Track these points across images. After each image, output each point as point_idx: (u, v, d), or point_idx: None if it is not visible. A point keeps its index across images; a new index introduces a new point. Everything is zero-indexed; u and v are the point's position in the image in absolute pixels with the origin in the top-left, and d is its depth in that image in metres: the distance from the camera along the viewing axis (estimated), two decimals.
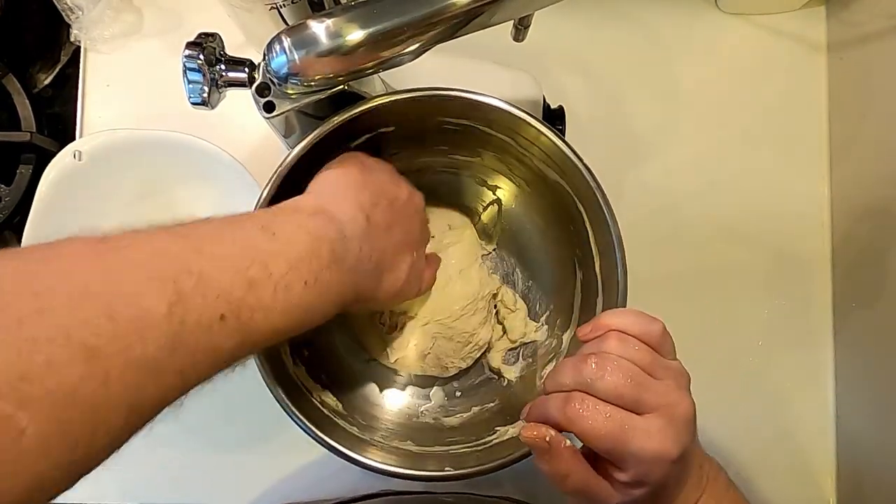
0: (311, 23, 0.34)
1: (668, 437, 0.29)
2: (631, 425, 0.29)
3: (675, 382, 0.31)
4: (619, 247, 0.40)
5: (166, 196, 0.56)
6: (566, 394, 0.30)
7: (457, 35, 0.36)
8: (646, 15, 0.62)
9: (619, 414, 0.29)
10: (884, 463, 0.51)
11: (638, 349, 0.31)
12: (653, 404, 0.30)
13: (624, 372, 0.30)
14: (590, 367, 0.30)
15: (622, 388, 0.29)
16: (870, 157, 0.56)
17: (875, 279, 0.53)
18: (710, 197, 0.60)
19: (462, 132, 0.44)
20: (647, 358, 0.31)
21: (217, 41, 0.38)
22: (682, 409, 0.30)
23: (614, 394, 0.29)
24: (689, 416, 0.30)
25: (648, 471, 0.29)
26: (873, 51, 0.56)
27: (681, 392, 0.31)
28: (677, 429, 0.30)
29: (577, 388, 0.30)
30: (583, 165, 0.40)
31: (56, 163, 0.51)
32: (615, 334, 0.31)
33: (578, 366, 0.30)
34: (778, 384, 0.57)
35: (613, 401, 0.29)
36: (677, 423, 0.30)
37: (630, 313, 0.33)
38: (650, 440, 0.29)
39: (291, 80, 0.35)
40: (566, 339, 0.47)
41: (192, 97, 0.38)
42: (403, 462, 0.39)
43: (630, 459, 0.29)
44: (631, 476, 0.30)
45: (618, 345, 0.31)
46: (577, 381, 0.30)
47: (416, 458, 0.42)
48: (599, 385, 0.29)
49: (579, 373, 0.30)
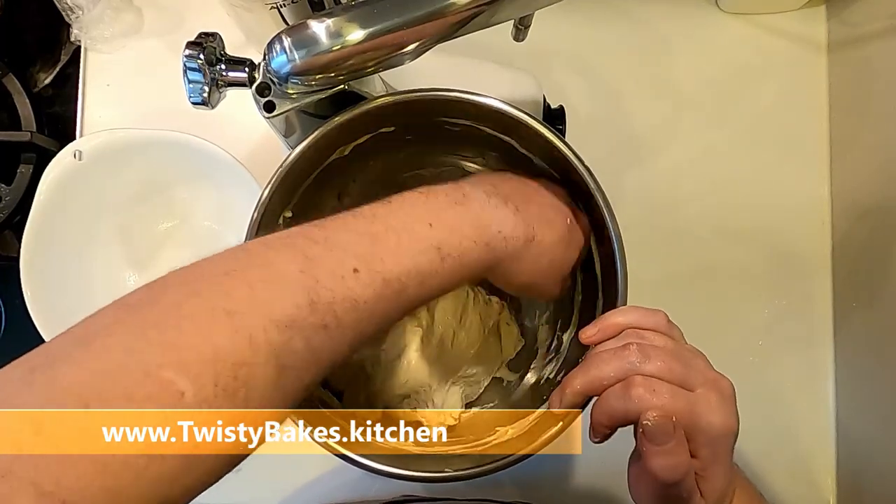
0: (312, 22, 0.34)
1: (727, 411, 0.29)
2: (694, 400, 0.29)
3: (703, 362, 0.31)
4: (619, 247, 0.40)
5: (166, 196, 0.56)
6: (622, 382, 0.29)
7: (457, 35, 0.36)
8: (646, 15, 0.62)
9: (680, 391, 0.29)
10: (884, 463, 0.51)
11: (659, 338, 0.31)
12: (700, 381, 0.29)
13: (666, 353, 0.29)
14: (633, 352, 0.29)
15: (673, 366, 0.29)
16: (870, 156, 0.56)
17: (875, 279, 0.53)
18: (710, 197, 0.60)
19: (462, 132, 0.44)
20: (670, 344, 0.31)
21: (217, 41, 0.38)
22: (726, 384, 0.30)
23: (668, 373, 0.29)
24: (733, 390, 0.31)
25: (717, 449, 0.29)
26: (873, 51, 0.56)
27: (714, 370, 0.31)
28: (730, 402, 0.30)
29: (626, 375, 0.29)
30: (583, 166, 0.40)
31: (56, 162, 0.51)
32: (633, 330, 0.31)
33: (620, 354, 0.30)
34: (778, 384, 0.57)
35: (667, 380, 0.29)
36: (728, 397, 0.30)
37: (633, 310, 0.33)
38: (714, 414, 0.29)
39: (292, 80, 0.35)
40: (566, 339, 0.47)
41: (193, 97, 0.38)
42: (402, 463, 0.39)
43: (700, 437, 0.29)
44: (704, 457, 0.29)
45: (641, 338, 0.31)
46: (624, 369, 0.30)
47: (416, 460, 0.42)
48: (649, 367, 0.29)
49: (624, 359, 0.30)
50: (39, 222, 0.51)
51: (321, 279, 0.27)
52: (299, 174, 0.42)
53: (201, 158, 0.51)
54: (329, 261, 0.28)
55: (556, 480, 0.55)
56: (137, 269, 0.56)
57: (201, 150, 0.51)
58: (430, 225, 0.31)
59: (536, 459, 0.37)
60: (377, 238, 0.30)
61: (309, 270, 0.27)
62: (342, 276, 0.27)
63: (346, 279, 0.27)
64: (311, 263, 0.27)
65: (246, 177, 0.50)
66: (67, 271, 0.53)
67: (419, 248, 0.30)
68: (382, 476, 0.38)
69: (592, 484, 0.55)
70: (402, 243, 0.30)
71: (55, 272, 0.52)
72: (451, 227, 0.32)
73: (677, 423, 0.28)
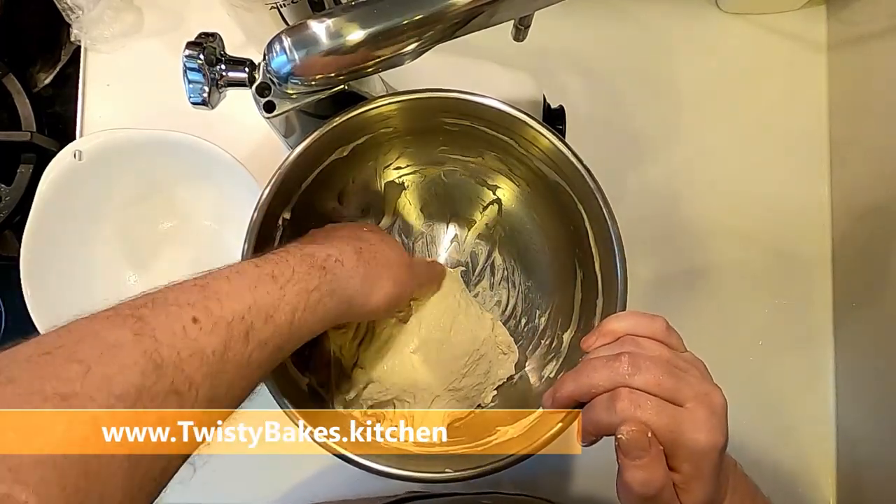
0: (312, 23, 0.34)
1: (713, 427, 0.29)
2: (679, 417, 0.29)
3: (700, 373, 0.31)
4: (618, 247, 0.40)
5: (166, 196, 0.56)
6: (609, 393, 0.29)
7: (457, 35, 0.36)
8: (646, 15, 0.62)
9: (666, 405, 0.29)
10: (884, 463, 0.51)
11: (655, 347, 0.31)
12: (689, 395, 0.29)
13: (658, 365, 0.29)
14: (624, 364, 0.29)
15: (662, 380, 0.29)
16: (870, 156, 0.56)
17: (875, 278, 0.53)
18: (709, 197, 0.60)
19: (462, 132, 0.44)
20: (665, 354, 0.31)
21: (217, 41, 0.38)
22: (717, 398, 0.30)
23: (655, 387, 0.29)
24: (724, 404, 0.30)
25: (700, 464, 0.29)
26: (873, 51, 0.56)
27: (709, 382, 0.31)
28: (719, 418, 0.30)
29: (615, 386, 0.29)
30: (582, 167, 0.40)
31: (56, 162, 0.51)
32: (629, 337, 0.31)
33: (611, 364, 0.30)
34: (778, 384, 0.57)
35: (655, 394, 0.29)
36: (717, 412, 0.30)
37: (631, 315, 0.33)
38: (699, 430, 0.29)
39: (292, 80, 0.35)
40: (566, 338, 0.47)
41: (193, 97, 0.38)
42: (403, 464, 0.39)
43: (682, 452, 0.29)
44: (685, 472, 0.29)
45: (636, 346, 0.31)
46: (613, 380, 0.29)
47: (417, 460, 0.42)
48: (638, 379, 0.29)
49: (614, 371, 0.29)
50: (39, 222, 0.51)
51: (160, 338, 0.24)
52: (299, 174, 0.42)
53: (201, 158, 0.51)
54: (163, 316, 0.25)
55: (556, 480, 0.56)
56: (137, 269, 0.56)
57: (201, 150, 0.51)
58: (257, 265, 0.31)
59: (536, 459, 0.37)
60: (206, 285, 0.28)
61: (144, 332, 0.24)
62: (182, 329, 0.25)
63: (187, 331, 0.25)
64: (145, 323, 0.24)
65: (246, 177, 0.50)
66: (67, 271, 0.53)
67: (251, 282, 0.29)
68: (382, 476, 0.38)
69: (592, 484, 0.55)
70: (234, 281, 0.29)
71: (55, 272, 0.52)
72: (277, 260, 0.32)
73: (653, 439, 0.28)
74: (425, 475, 0.39)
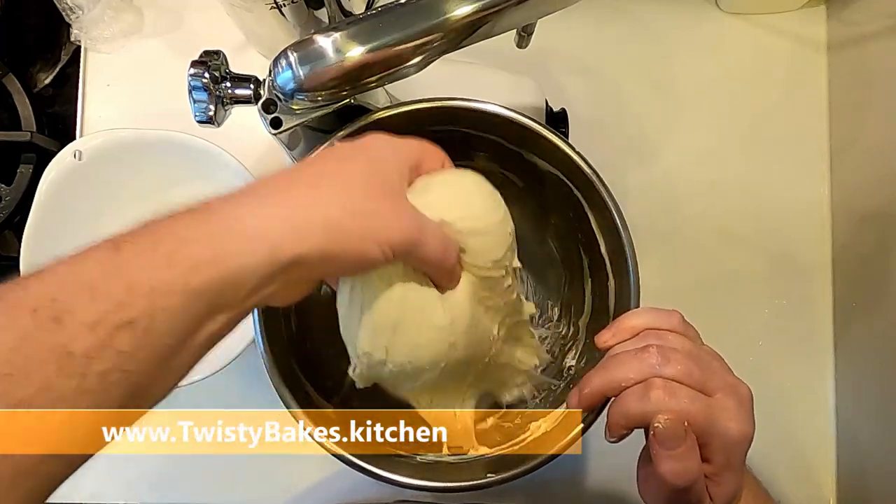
0: (318, 38, 0.33)
1: (744, 417, 0.29)
2: (712, 406, 0.29)
3: (722, 365, 0.31)
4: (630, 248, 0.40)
5: (166, 196, 0.56)
6: (642, 384, 0.29)
7: (461, 46, 0.36)
8: (646, 15, 0.62)
9: (699, 395, 0.29)
10: (884, 463, 0.51)
11: (678, 339, 0.31)
12: (718, 386, 0.29)
13: (686, 356, 0.29)
14: (653, 354, 0.29)
15: (692, 370, 0.29)
16: (870, 157, 0.56)
17: (875, 279, 0.53)
18: (710, 197, 0.60)
19: (467, 140, 0.44)
20: (688, 345, 0.31)
21: (221, 58, 0.38)
22: (744, 389, 0.30)
23: (686, 377, 0.29)
24: (751, 395, 0.30)
25: (731, 455, 0.29)
26: (873, 51, 0.56)
27: (732, 374, 0.31)
28: (747, 408, 0.30)
29: (645, 378, 0.29)
30: (590, 169, 0.40)
31: (56, 162, 0.51)
32: (652, 331, 0.31)
33: (640, 356, 0.30)
34: (778, 384, 0.57)
35: (686, 384, 0.29)
36: (745, 403, 0.30)
37: (648, 311, 0.33)
38: (731, 420, 0.29)
39: (297, 96, 0.34)
40: (582, 325, 0.47)
41: (198, 116, 0.37)
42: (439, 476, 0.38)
43: (716, 442, 0.29)
44: (718, 462, 0.29)
45: (660, 339, 0.31)
46: (643, 371, 0.29)
47: (456, 469, 0.40)
48: (669, 370, 0.29)
49: (644, 362, 0.29)
50: (39, 222, 0.51)
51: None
52: None
53: (201, 158, 0.51)
54: None
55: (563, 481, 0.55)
56: None
57: (201, 151, 0.51)
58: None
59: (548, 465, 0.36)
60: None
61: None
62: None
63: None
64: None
65: (246, 177, 0.50)
66: None
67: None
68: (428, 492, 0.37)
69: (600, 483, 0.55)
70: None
71: None
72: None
73: (689, 428, 0.28)
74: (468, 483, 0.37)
